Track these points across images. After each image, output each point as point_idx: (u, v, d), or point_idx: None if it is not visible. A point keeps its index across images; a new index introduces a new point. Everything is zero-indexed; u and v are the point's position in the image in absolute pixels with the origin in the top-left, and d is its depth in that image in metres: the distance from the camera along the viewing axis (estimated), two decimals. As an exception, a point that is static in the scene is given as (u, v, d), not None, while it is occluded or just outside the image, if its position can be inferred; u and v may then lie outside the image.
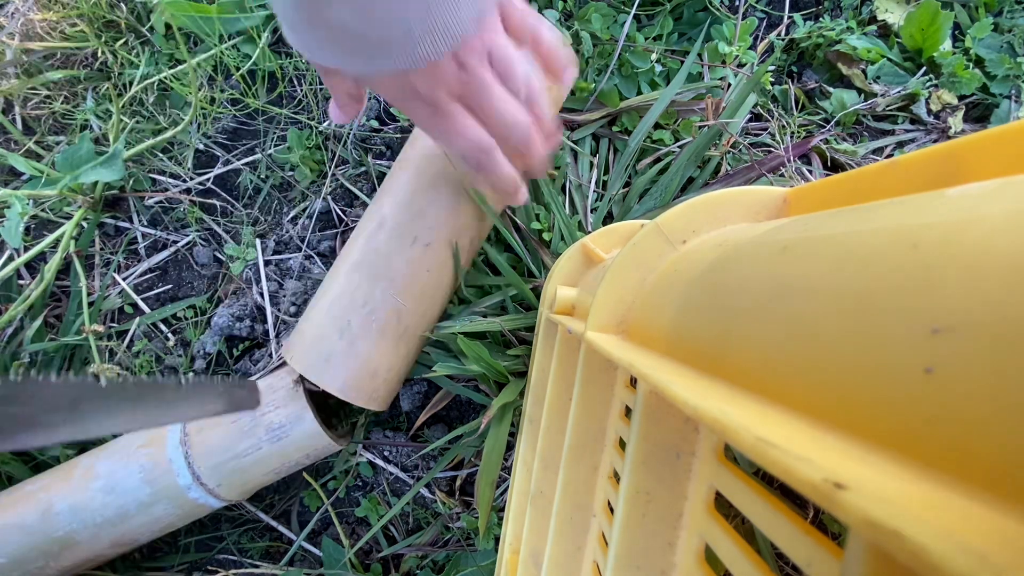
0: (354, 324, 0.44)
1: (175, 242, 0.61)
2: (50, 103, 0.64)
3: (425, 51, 0.31)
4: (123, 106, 0.62)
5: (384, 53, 0.31)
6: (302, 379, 0.47)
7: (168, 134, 0.60)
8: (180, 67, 0.62)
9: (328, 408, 0.54)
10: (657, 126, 0.54)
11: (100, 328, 0.55)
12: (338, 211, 0.58)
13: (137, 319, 0.58)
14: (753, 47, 0.58)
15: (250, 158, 0.62)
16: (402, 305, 0.45)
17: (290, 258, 0.58)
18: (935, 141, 0.55)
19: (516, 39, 0.36)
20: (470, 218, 0.47)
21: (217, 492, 0.47)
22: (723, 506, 0.18)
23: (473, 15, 0.31)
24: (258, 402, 0.45)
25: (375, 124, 0.59)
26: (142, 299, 0.60)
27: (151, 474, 0.46)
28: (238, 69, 0.60)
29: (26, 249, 0.59)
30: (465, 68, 0.33)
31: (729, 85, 0.54)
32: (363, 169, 0.59)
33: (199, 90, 0.61)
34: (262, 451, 0.46)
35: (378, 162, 0.58)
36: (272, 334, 0.56)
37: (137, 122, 0.63)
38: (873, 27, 0.58)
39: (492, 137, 0.37)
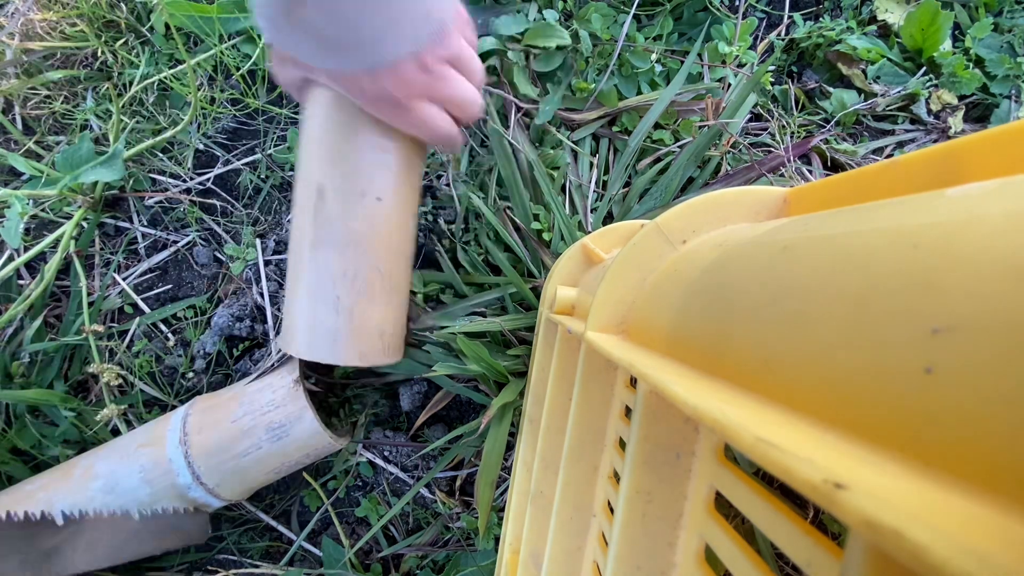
0: (343, 297, 0.43)
1: (175, 242, 0.61)
2: (50, 103, 0.64)
3: (390, 53, 0.36)
4: (123, 106, 0.62)
5: (353, 54, 0.35)
6: (301, 378, 0.47)
7: (168, 134, 0.60)
8: (180, 67, 0.62)
9: (328, 408, 0.54)
10: (657, 126, 0.54)
11: (100, 328, 0.55)
12: (338, 211, 0.58)
13: (137, 319, 0.58)
14: (753, 47, 0.58)
15: (250, 158, 0.62)
16: (379, 261, 0.44)
17: (290, 258, 0.58)
18: (935, 141, 0.55)
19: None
20: (402, 154, 0.45)
21: (217, 492, 0.47)
22: (723, 506, 0.18)
23: (435, 27, 0.37)
24: (207, 534, 0.47)
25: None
26: (142, 299, 0.60)
27: (151, 474, 0.46)
28: (238, 69, 0.60)
29: (26, 249, 0.59)
30: (428, 70, 0.38)
31: (729, 85, 0.54)
32: (363, 169, 0.59)
33: (199, 90, 0.61)
34: (262, 450, 0.46)
35: (378, 162, 0.58)
36: (272, 334, 0.56)
37: (137, 122, 0.63)
38: (873, 27, 0.58)
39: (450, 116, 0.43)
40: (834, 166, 0.53)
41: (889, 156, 0.54)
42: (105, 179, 0.56)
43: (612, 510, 0.22)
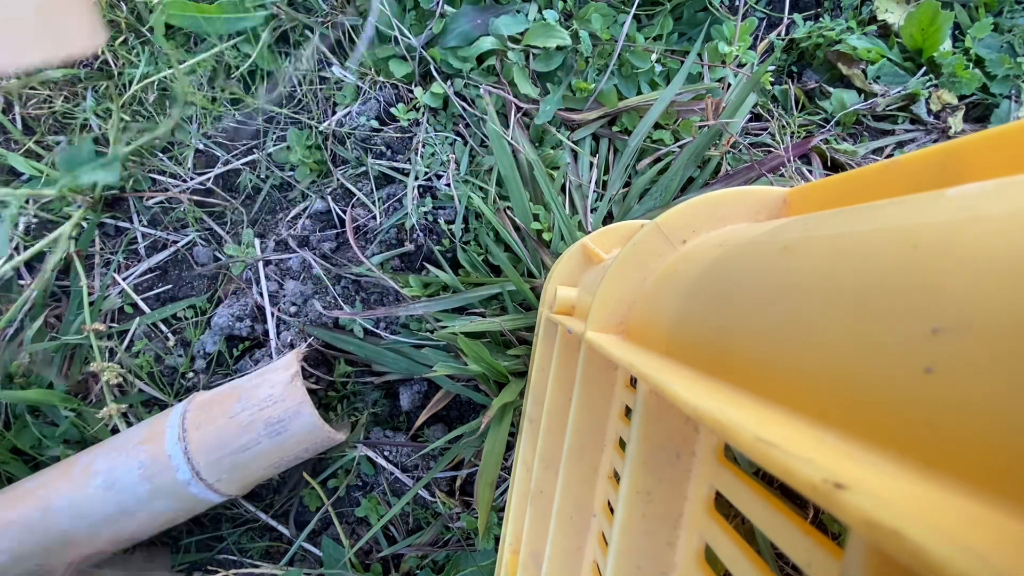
0: None
1: (175, 242, 0.61)
2: (50, 103, 0.64)
3: None
4: (123, 105, 0.62)
5: None
6: (301, 373, 0.47)
7: (166, 128, 0.60)
8: (180, 67, 0.62)
9: (327, 404, 0.54)
10: (657, 126, 0.54)
11: (101, 327, 0.55)
12: (338, 211, 0.58)
13: (137, 319, 0.58)
14: (753, 47, 0.58)
15: (250, 158, 0.62)
16: None
17: (290, 258, 0.58)
18: (935, 141, 0.55)
19: None
20: None
21: (217, 487, 0.47)
22: (723, 506, 0.18)
23: None
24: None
25: (375, 124, 0.59)
26: (142, 299, 0.60)
27: (150, 470, 0.46)
28: (238, 68, 0.60)
29: (26, 249, 0.59)
30: None
31: (729, 85, 0.54)
32: (363, 169, 0.59)
33: (199, 90, 0.61)
34: (261, 446, 0.46)
35: (378, 162, 0.58)
36: (272, 334, 0.56)
37: (136, 121, 0.62)
38: (873, 27, 0.58)
39: None
40: (834, 166, 0.53)
41: (889, 156, 0.54)
42: (103, 181, 0.56)
43: (612, 510, 0.22)
